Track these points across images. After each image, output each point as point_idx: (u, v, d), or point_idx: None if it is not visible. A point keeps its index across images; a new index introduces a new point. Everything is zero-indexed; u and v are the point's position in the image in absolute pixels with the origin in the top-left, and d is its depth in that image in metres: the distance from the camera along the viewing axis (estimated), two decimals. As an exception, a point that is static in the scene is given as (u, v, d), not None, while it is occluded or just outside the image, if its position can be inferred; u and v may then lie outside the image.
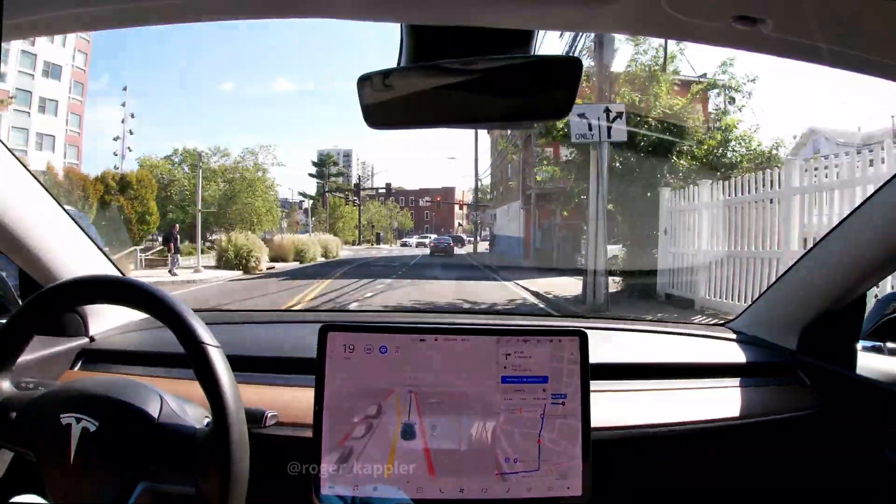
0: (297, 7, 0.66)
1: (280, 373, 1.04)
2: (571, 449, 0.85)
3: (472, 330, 0.89)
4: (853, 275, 1.03)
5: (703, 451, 1.02)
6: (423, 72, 0.72)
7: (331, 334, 0.85)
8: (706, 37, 0.65)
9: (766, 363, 1.16)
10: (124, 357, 1.12)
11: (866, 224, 1.00)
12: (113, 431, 0.69)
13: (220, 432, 0.66)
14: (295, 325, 1.34)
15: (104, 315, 1.18)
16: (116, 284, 0.75)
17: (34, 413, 0.71)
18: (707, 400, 1.05)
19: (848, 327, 1.11)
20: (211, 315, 1.42)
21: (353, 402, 0.84)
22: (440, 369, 0.86)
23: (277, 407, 0.82)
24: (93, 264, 1.14)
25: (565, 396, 0.86)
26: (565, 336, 0.88)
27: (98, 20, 0.65)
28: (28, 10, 0.59)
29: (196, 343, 0.68)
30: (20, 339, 0.73)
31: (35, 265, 1.04)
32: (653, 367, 1.12)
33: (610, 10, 0.58)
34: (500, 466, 0.84)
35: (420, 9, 0.63)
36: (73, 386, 0.75)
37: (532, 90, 0.72)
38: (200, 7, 0.63)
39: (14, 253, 1.00)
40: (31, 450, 0.71)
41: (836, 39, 0.60)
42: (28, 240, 0.99)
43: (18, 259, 1.02)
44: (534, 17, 0.65)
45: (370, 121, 0.75)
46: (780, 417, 1.04)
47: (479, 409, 0.85)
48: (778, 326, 1.19)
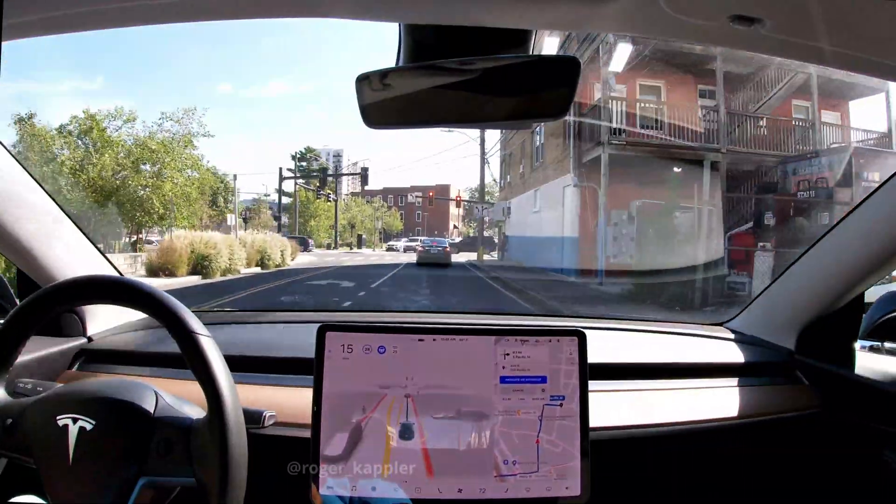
0: (296, 7, 0.66)
1: (278, 373, 1.04)
2: (570, 449, 0.85)
3: (470, 330, 0.89)
4: (851, 275, 1.03)
5: (702, 451, 1.02)
6: (422, 71, 0.72)
7: (329, 334, 0.85)
8: (704, 37, 0.65)
9: (764, 363, 1.16)
10: (122, 357, 1.11)
11: (864, 224, 1.00)
12: (110, 428, 0.69)
13: (216, 419, 0.66)
14: (293, 325, 1.34)
15: (102, 315, 1.18)
16: (111, 284, 0.75)
17: (29, 418, 0.71)
18: (705, 400, 1.05)
19: (846, 327, 1.11)
20: (209, 315, 1.42)
21: (352, 402, 0.84)
22: (438, 369, 0.86)
23: (276, 407, 0.82)
24: (90, 264, 1.14)
25: (563, 398, 0.86)
26: (564, 336, 0.88)
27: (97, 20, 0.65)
28: (27, 10, 0.59)
29: (187, 333, 0.68)
30: (16, 342, 0.73)
31: (33, 265, 1.03)
32: (651, 366, 1.12)
33: (608, 10, 0.58)
34: (498, 468, 0.84)
35: (419, 8, 0.63)
36: (67, 389, 0.75)
37: (531, 89, 0.72)
38: (199, 7, 0.63)
39: (11, 253, 1.00)
40: (28, 455, 0.70)
41: (834, 40, 0.60)
42: (25, 240, 0.99)
43: (16, 259, 1.02)
44: (532, 17, 0.65)
45: (368, 121, 0.75)
46: (779, 417, 1.04)
47: (478, 409, 0.85)
48: (776, 326, 1.20)
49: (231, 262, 12.55)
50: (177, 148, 14.52)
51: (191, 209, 14.80)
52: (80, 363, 1.10)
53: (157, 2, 0.61)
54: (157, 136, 14.37)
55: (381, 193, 44.69)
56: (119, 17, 0.66)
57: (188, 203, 14.53)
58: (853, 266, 1.03)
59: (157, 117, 17.85)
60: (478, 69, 0.69)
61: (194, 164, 15.00)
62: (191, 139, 14.65)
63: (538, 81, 0.71)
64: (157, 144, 14.17)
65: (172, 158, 14.23)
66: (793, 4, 0.56)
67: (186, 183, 14.39)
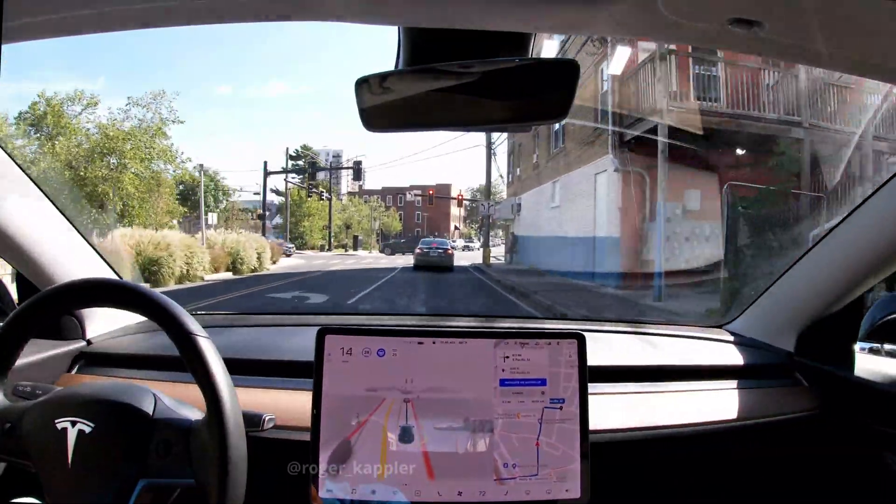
0: (296, 10, 0.66)
1: (278, 376, 1.04)
2: (570, 452, 0.85)
3: (470, 333, 0.89)
4: (851, 276, 1.03)
5: (702, 453, 1.02)
6: (421, 75, 0.72)
7: (329, 337, 0.85)
8: (703, 39, 0.66)
9: (763, 365, 1.16)
10: (121, 360, 1.11)
11: (864, 226, 1.00)
12: (109, 431, 0.69)
13: (214, 420, 0.66)
14: (292, 328, 1.34)
15: (101, 318, 1.18)
16: (110, 287, 0.75)
17: (29, 421, 0.71)
18: (705, 402, 1.05)
19: (845, 329, 1.11)
20: (208, 318, 1.42)
21: (351, 405, 0.84)
22: (438, 372, 0.86)
23: (275, 410, 0.82)
24: (89, 267, 1.14)
25: (563, 401, 0.86)
26: (563, 339, 0.88)
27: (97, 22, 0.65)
28: (28, 12, 0.59)
29: (186, 335, 0.68)
30: (15, 345, 0.73)
31: (31, 268, 1.03)
32: (651, 369, 1.12)
33: (606, 13, 0.59)
34: (498, 471, 0.84)
35: (418, 12, 0.63)
36: (66, 392, 0.75)
37: (530, 92, 0.72)
38: (200, 10, 0.63)
39: (10, 255, 1.00)
40: (27, 458, 0.70)
41: (832, 42, 0.60)
42: (24, 243, 0.99)
43: (15, 262, 1.02)
44: (531, 20, 0.65)
45: (368, 124, 0.75)
46: (778, 419, 1.04)
47: (478, 412, 0.85)
48: (775, 328, 1.20)
49: (190, 266, 10.71)
50: (141, 136, 12.68)
51: (154, 205, 12.96)
52: (80, 366, 1.09)
53: (158, 5, 0.61)
54: (123, 125, 12.65)
55: (380, 193, 43.39)
56: (119, 21, 0.66)
57: (152, 199, 12.77)
58: (853, 268, 1.03)
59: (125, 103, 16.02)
60: (477, 72, 0.69)
61: (166, 156, 13.19)
62: (161, 127, 12.98)
63: (537, 84, 0.71)
64: (116, 132, 12.34)
65: (135, 147, 12.42)
66: (791, 7, 0.56)
67: (153, 176, 12.92)
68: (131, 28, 0.69)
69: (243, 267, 13.10)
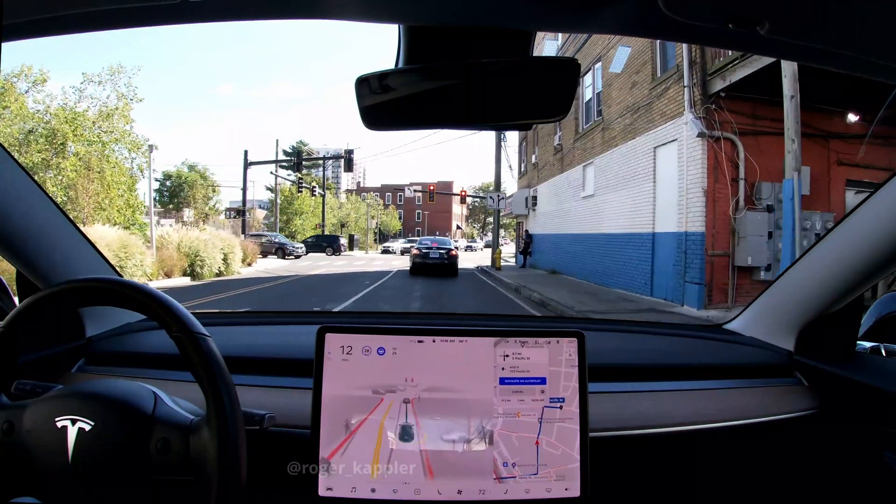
0: (297, 9, 0.66)
1: (278, 374, 1.04)
2: (569, 451, 0.85)
3: (469, 331, 0.89)
4: (851, 276, 1.03)
5: (702, 452, 1.02)
6: (421, 73, 0.72)
7: (329, 335, 0.85)
8: (703, 39, 0.65)
9: (763, 364, 1.16)
10: (121, 358, 1.11)
11: (865, 225, 1.00)
12: (109, 429, 0.69)
13: (214, 418, 0.66)
14: (292, 326, 1.34)
15: (101, 316, 1.18)
16: (110, 286, 0.74)
17: (29, 420, 0.71)
18: (705, 401, 1.05)
19: (846, 328, 1.11)
20: (208, 316, 1.42)
21: (351, 403, 0.84)
22: (438, 371, 0.86)
23: (275, 408, 0.82)
24: (89, 265, 1.14)
25: (563, 400, 0.86)
26: (563, 337, 0.88)
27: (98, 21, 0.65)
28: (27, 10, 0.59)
29: (185, 333, 0.69)
30: (15, 344, 0.73)
31: (31, 267, 1.03)
32: (651, 368, 1.12)
33: (607, 13, 0.59)
34: (498, 470, 0.84)
35: (418, 10, 0.63)
36: (66, 390, 0.75)
37: (530, 91, 0.72)
38: (200, 9, 0.63)
39: (10, 254, 1.00)
40: (28, 456, 0.71)
41: (833, 41, 0.60)
42: (24, 241, 0.99)
43: (14, 260, 1.02)
44: (531, 19, 0.65)
45: (368, 122, 0.75)
46: (778, 418, 1.04)
47: (477, 411, 0.85)
48: (775, 327, 1.19)
49: (122, 271, 8.62)
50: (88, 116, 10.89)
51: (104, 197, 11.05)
52: (80, 365, 1.09)
53: (158, 4, 0.61)
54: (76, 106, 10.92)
55: (380, 191, 43.00)
56: (119, 19, 0.66)
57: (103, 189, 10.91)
58: (853, 267, 1.03)
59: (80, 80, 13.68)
60: (477, 71, 0.69)
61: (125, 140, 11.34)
62: (119, 108, 11.32)
63: (538, 83, 0.71)
64: (59, 110, 10.64)
65: (76, 128, 10.68)
66: (792, 6, 0.56)
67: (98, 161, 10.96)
68: (132, 26, 0.69)
69: (204, 271, 11.50)
